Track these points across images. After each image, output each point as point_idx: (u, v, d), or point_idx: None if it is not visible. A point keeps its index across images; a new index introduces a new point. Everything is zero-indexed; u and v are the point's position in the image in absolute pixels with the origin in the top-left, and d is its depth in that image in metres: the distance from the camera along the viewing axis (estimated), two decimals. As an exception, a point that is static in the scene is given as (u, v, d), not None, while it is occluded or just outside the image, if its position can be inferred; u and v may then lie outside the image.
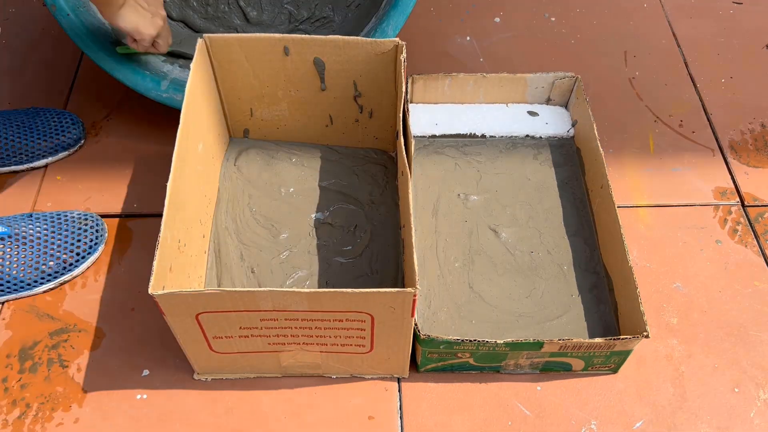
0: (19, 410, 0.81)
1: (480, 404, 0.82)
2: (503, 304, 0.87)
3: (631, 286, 0.81)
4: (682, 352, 0.87)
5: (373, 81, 0.93)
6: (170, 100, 1.01)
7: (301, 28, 1.12)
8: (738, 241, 0.98)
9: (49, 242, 0.89)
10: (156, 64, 1.02)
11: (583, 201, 0.97)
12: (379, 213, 0.95)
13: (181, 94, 1.01)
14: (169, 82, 1.01)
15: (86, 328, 0.87)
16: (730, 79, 1.20)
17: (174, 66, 1.04)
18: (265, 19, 1.12)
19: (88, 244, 0.91)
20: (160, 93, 1.00)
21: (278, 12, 1.11)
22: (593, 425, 0.81)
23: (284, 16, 1.11)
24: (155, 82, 1.00)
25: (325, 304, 0.69)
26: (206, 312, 0.69)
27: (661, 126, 1.12)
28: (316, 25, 1.11)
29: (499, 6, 1.31)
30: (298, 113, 0.99)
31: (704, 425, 0.81)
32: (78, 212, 0.94)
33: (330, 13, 1.11)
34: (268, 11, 1.11)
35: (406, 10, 0.98)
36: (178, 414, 0.81)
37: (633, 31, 1.27)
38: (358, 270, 0.89)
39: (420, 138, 1.04)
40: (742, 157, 1.08)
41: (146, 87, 1.00)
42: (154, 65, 1.02)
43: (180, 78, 1.03)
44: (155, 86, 1.00)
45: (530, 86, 1.04)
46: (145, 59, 1.01)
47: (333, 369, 0.82)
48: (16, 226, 0.89)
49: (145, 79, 1.00)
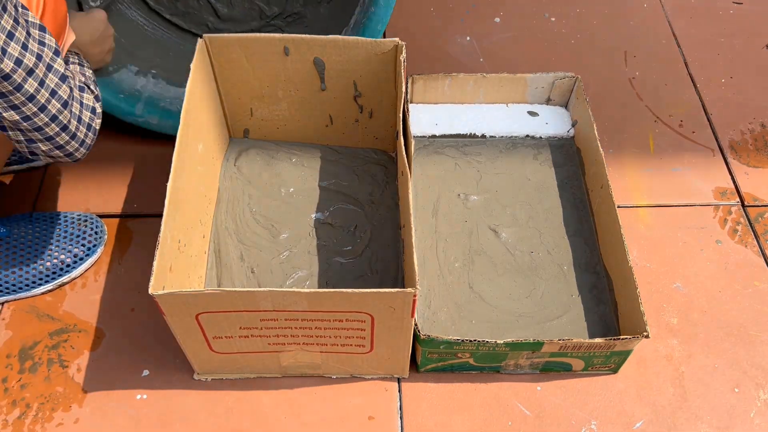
0: (19, 410, 0.81)
1: (480, 404, 0.82)
2: (503, 304, 0.87)
3: (631, 286, 0.81)
4: (682, 352, 0.87)
5: (373, 81, 0.93)
6: (146, 124, 1.02)
7: (274, 24, 1.11)
8: (738, 241, 0.98)
9: (48, 243, 0.89)
10: (128, 79, 1.02)
11: (583, 201, 0.97)
12: (379, 213, 0.95)
13: (155, 117, 1.01)
14: (144, 103, 1.01)
15: (86, 329, 0.87)
16: (730, 79, 1.20)
17: (147, 78, 1.03)
18: (236, 14, 1.11)
19: (88, 246, 0.91)
20: (136, 117, 1.01)
21: (249, 8, 1.10)
22: (593, 425, 0.81)
23: (255, 12, 1.11)
24: (130, 104, 1.00)
25: (325, 304, 0.69)
26: (206, 312, 0.69)
27: (661, 126, 1.12)
28: (288, 20, 1.11)
29: (499, 6, 1.31)
30: (298, 113, 0.99)
31: (704, 425, 0.81)
32: (78, 213, 0.94)
33: (301, 9, 1.10)
34: (239, 7, 1.10)
35: (390, 3, 0.96)
36: (178, 414, 0.81)
37: (633, 31, 1.27)
38: (358, 270, 0.89)
39: (420, 138, 1.04)
40: (742, 157, 1.08)
41: (121, 111, 1.00)
42: (127, 81, 1.01)
43: (154, 94, 1.02)
44: (130, 109, 1.00)
45: (530, 86, 1.04)
46: (118, 77, 1.01)
47: (333, 369, 0.82)
48: (15, 227, 0.88)
49: (120, 102, 1.00)
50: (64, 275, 0.90)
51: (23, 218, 0.91)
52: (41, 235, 0.89)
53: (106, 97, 0.98)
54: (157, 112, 1.01)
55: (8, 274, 0.86)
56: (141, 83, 1.02)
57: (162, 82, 1.04)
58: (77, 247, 0.90)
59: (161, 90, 1.03)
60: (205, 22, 1.11)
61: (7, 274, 0.86)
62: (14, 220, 0.90)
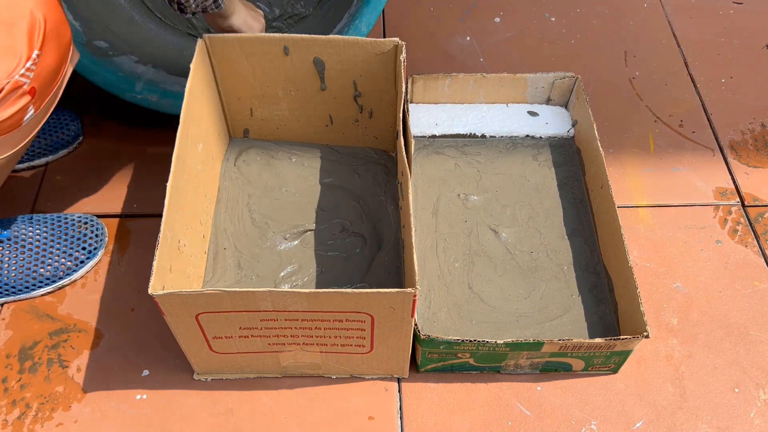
0: (19, 410, 0.81)
1: (480, 404, 0.82)
2: (503, 305, 0.87)
3: (632, 286, 0.81)
4: (682, 352, 0.87)
5: (373, 81, 0.93)
6: (145, 101, 1.01)
7: (275, 26, 1.11)
8: (738, 241, 0.98)
9: (49, 246, 0.89)
10: (129, 64, 1.02)
11: (583, 201, 0.97)
12: (379, 213, 0.95)
13: (155, 95, 1.01)
14: (144, 83, 1.01)
15: (86, 329, 0.87)
16: (730, 79, 1.20)
17: (147, 67, 1.03)
18: None
19: (89, 249, 0.91)
20: (135, 94, 1.00)
21: None
22: (593, 425, 0.81)
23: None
24: (129, 83, 1.00)
25: (325, 305, 0.69)
26: (206, 312, 0.69)
27: (661, 126, 1.12)
28: (289, 22, 1.11)
29: (499, 6, 1.31)
30: (298, 113, 0.99)
31: (704, 425, 0.81)
32: (79, 215, 0.94)
33: (302, 10, 1.10)
34: None
35: (378, 6, 0.97)
36: (178, 414, 0.81)
37: (633, 31, 1.27)
38: (358, 270, 0.89)
39: (420, 138, 1.04)
40: (742, 157, 1.08)
41: (120, 88, 0.99)
42: (127, 64, 1.01)
43: (154, 79, 1.02)
44: (129, 87, 1.00)
45: (530, 86, 1.04)
46: (119, 60, 1.01)
47: (333, 369, 0.82)
48: (15, 229, 0.88)
49: (119, 80, 0.99)
50: (65, 278, 0.90)
51: (23, 220, 0.91)
52: (41, 237, 0.89)
53: (106, 75, 0.98)
54: (157, 91, 1.01)
55: (9, 276, 0.86)
56: (141, 69, 1.03)
57: (162, 72, 1.04)
58: (78, 250, 0.90)
59: (162, 76, 1.03)
60: (207, 27, 1.11)
61: (8, 277, 0.86)
62: (14, 222, 0.90)
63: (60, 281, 0.89)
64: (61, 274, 0.89)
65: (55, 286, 0.89)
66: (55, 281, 0.89)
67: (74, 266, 0.90)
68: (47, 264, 0.88)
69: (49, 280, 0.89)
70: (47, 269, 0.88)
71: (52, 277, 0.89)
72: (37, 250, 0.88)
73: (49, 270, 0.88)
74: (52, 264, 0.88)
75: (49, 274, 0.88)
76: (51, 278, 0.89)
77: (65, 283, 0.90)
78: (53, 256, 0.89)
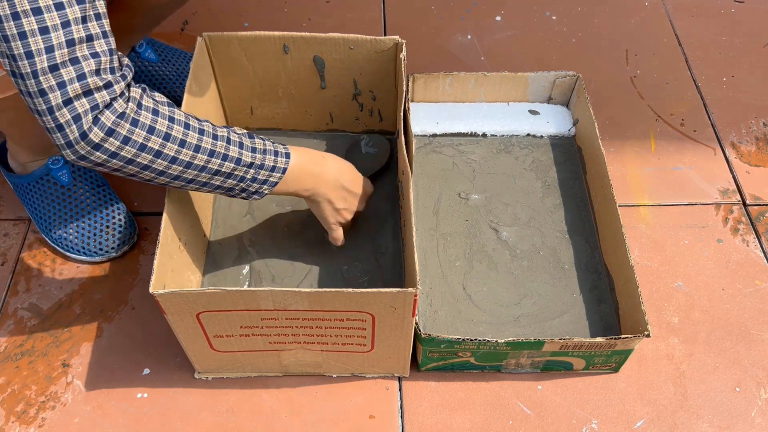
0: (20, 408, 0.81)
1: (481, 403, 0.82)
2: (504, 304, 0.87)
3: (632, 285, 0.81)
4: (683, 351, 0.87)
5: (373, 79, 0.93)
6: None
7: None
8: (739, 240, 0.98)
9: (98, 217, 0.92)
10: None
11: (584, 200, 0.97)
12: (380, 211, 0.95)
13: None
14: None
15: (87, 327, 0.87)
16: (731, 77, 1.19)
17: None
18: None
19: (123, 241, 0.93)
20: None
21: None
22: (594, 424, 0.80)
23: None
24: None
25: (326, 304, 0.69)
26: (207, 311, 0.69)
27: (662, 125, 1.12)
28: None
29: (501, 4, 1.31)
30: (298, 111, 0.99)
31: (705, 424, 0.81)
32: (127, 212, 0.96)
33: None
34: None
35: None
36: (178, 413, 0.81)
37: (634, 29, 1.27)
38: (359, 269, 0.89)
39: (420, 137, 1.03)
40: (743, 156, 1.08)
41: None
42: None
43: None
44: None
45: (531, 85, 1.04)
46: None
47: (334, 368, 0.82)
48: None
49: None
50: (92, 256, 0.92)
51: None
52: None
53: None
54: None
55: (62, 224, 0.90)
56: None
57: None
58: (108, 239, 0.92)
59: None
60: None
61: (61, 225, 0.90)
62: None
63: (96, 256, 0.92)
64: (91, 252, 0.91)
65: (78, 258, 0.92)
66: (86, 254, 0.92)
67: (95, 251, 0.91)
68: (91, 233, 0.91)
69: (80, 250, 0.91)
70: (86, 238, 0.91)
71: (83, 249, 0.91)
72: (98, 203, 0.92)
73: (82, 240, 0.91)
74: (91, 236, 0.91)
75: (84, 244, 0.91)
76: (81, 249, 0.91)
77: (85, 260, 0.92)
78: (93, 229, 0.91)
